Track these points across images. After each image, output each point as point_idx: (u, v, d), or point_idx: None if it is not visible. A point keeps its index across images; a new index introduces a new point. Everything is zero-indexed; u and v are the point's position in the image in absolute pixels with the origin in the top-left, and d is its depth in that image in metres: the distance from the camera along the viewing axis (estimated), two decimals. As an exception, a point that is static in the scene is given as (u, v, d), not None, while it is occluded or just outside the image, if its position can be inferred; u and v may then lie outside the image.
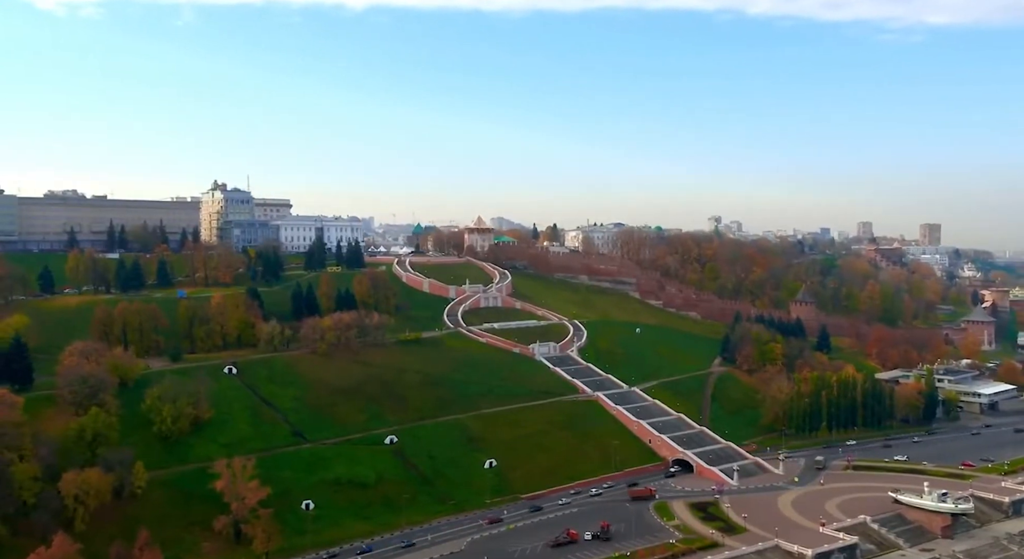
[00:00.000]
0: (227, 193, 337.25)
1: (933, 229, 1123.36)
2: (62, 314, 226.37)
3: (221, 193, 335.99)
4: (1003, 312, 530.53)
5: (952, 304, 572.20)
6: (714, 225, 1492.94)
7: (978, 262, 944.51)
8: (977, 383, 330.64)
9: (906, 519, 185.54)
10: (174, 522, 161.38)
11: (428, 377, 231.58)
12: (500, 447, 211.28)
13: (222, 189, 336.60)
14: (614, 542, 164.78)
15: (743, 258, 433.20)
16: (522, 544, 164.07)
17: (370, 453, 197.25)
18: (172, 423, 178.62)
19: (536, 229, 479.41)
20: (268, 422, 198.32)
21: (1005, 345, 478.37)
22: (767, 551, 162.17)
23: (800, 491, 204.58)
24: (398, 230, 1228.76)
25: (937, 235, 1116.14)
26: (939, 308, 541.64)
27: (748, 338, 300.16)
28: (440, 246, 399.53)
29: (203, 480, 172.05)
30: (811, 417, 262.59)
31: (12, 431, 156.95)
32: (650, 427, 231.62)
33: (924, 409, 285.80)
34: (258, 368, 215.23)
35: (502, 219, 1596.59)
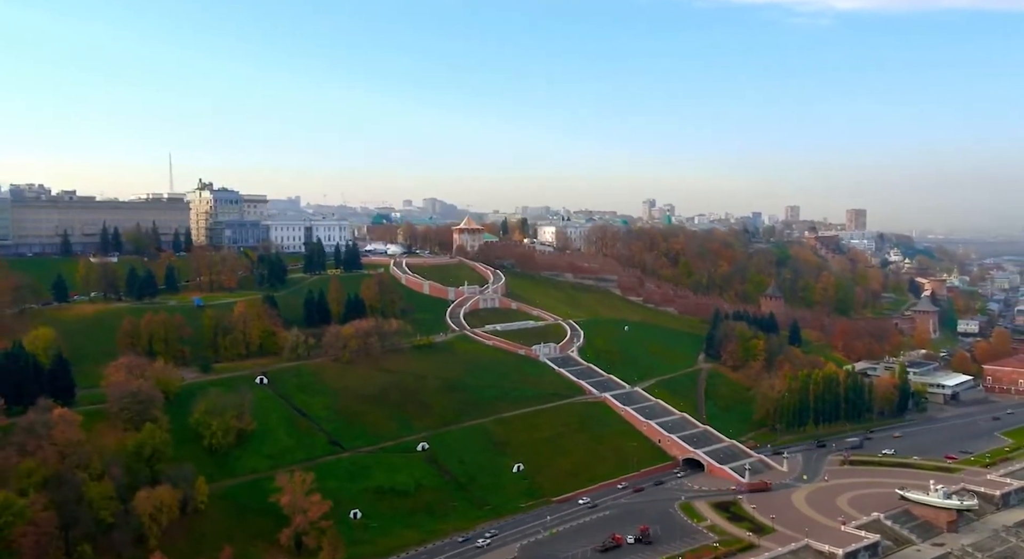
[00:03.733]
0: (216, 193, 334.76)
1: (859, 214, 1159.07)
2: (80, 324, 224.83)
3: (210, 193, 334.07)
4: (942, 300, 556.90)
5: (893, 292, 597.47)
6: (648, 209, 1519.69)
7: (901, 246, 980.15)
8: (939, 375, 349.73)
9: (913, 515, 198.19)
10: (237, 536, 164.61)
11: (446, 382, 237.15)
12: (523, 451, 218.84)
13: (209, 189, 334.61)
14: (656, 545, 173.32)
15: (709, 253, 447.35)
16: (571, 549, 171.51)
17: (405, 460, 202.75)
18: (221, 437, 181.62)
19: (507, 223, 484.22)
20: (305, 432, 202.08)
21: (947, 333, 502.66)
22: (800, 551, 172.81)
23: (810, 488, 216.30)
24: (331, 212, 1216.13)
25: (863, 220, 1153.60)
26: (883, 297, 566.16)
27: (732, 336, 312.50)
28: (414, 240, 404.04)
29: (257, 493, 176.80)
30: (799, 413, 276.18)
31: (79, 450, 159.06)
32: (659, 427, 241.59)
33: (897, 402, 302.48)
34: (288, 377, 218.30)
35: (435, 200, 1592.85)
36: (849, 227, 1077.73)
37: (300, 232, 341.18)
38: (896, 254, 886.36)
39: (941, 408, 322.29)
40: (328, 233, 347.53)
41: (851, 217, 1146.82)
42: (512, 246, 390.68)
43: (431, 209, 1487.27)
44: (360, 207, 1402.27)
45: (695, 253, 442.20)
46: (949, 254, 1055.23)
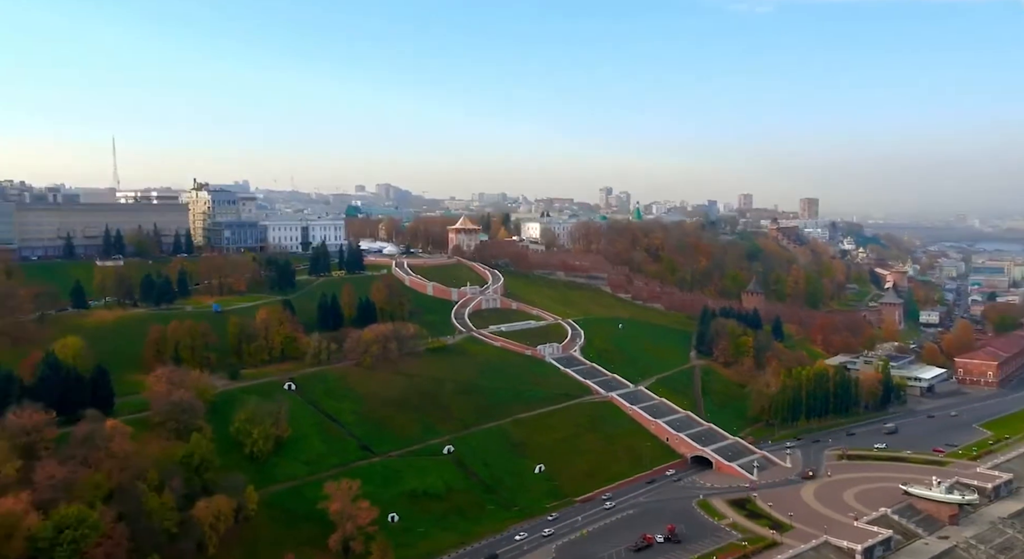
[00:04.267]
0: (213, 193, 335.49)
1: (812, 203, 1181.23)
2: (102, 331, 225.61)
3: (207, 193, 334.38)
4: (903, 291, 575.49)
5: (855, 283, 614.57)
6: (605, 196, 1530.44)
7: (851, 235, 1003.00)
8: (915, 368, 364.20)
9: (917, 509, 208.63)
10: (287, 542, 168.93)
11: (462, 385, 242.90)
12: (542, 452, 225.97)
13: (207, 188, 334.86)
14: (685, 544, 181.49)
15: (687, 248, 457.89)
16: (606, 549, 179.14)
17: (434, 464, 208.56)
18: (263, 444, 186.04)
19: (489, 218, 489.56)
20: (336, 438, 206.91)
21: (910, 324, 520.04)
22: (821, 547, 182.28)
23: (816, 484, 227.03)
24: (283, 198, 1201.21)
25: (815, 209, 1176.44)
26: (847, 288, 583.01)
27: (724, 333, 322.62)
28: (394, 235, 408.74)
29: (299, 499, 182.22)
30: (792, 408, 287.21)
31: (136, 462, 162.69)
32: (667, 426, 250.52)
33: (881, 396, 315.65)
34: (314, 383, 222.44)
35: (389, 186, 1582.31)
36: (802, 216, 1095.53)
37: (297, 232, 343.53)
38: (849, 243, 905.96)
39: (919, 400, 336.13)
40: (324, 233, 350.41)
41: (804, 206, 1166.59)
42: (506, 245, 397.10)
43: (385, 195, 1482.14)
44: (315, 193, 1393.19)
45: (674, 248, 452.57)
46: (895, 241, 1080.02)
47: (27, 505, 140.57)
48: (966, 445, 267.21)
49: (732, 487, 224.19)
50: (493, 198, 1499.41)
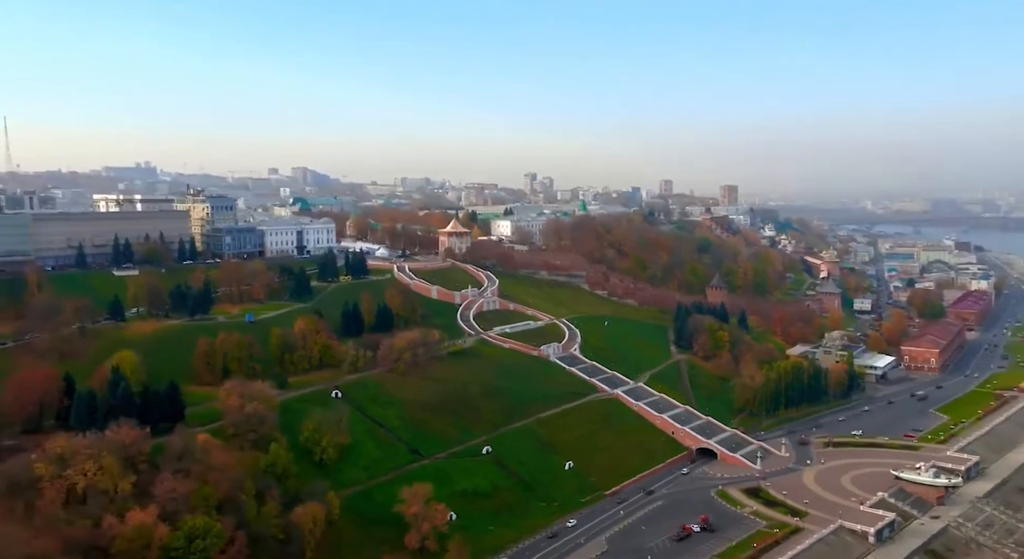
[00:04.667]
0: (212, 200, 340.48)
1: (732, 190, 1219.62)
2: (144, 343, 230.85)
3: (205, 200, 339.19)
4: (835, 279, 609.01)
5: (791, 272, 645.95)
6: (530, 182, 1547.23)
7: (771, 221, 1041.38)
8: (868, 357, 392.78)
9: (907, 492, 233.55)
10: (366, 543, 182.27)
11: (487, 388, 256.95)
12: (568, 449, 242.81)
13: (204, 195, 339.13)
14: (719, 532, 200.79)
15: (649, 243, 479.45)
16: (651, 539, 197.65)
17: (476, 464, 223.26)
18: (331, 452, 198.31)
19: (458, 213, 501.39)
20: (387, 442, 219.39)
21: (846, 312, 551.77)
22: (838, 531, 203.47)
23: (813, 471, 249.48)
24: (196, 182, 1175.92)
25: (735, 195, 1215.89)
26: (786, 277, 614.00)
27: (703, 328, 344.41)
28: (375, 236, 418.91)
29: (367, 502, 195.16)
30: (774, 399, 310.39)
31: (232, 473, 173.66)
32: (671, 420, 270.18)
33: (847, 385, 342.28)
34: (356, 390, 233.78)
35: (306, 169, 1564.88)
36: (723, 202, 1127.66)
37: (293, 236, 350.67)
38: (770, 229, 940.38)
39: (875, 388, 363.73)
40: (317, 236, 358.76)
41: (724, 193, 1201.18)
42: (492, 246, 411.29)
43: (302, 179, 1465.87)
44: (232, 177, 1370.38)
45: (636, 244, 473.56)
46: (807, 225, 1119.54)
47: (155, 518, 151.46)
48: (931, 429, 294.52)
49: (740, 477, 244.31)
50: (417, 182, 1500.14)
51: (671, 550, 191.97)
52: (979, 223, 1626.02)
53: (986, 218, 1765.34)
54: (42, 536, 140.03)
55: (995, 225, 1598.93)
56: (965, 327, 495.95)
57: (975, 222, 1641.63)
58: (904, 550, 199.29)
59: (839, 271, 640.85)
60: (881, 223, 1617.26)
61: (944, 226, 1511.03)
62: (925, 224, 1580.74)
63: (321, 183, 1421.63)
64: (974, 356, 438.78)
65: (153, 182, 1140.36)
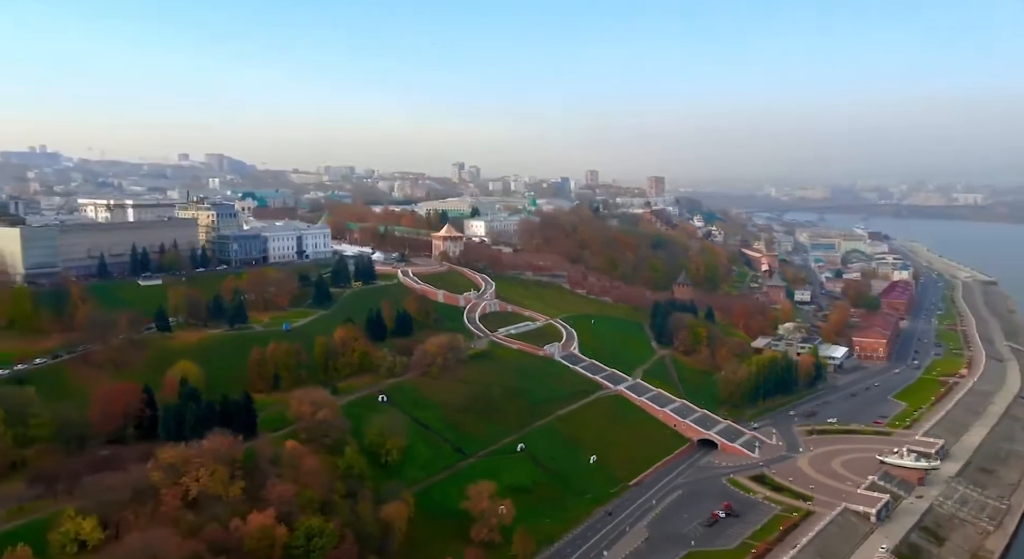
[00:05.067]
0: (216, 207, 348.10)
1: (659, 181, 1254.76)
2: (191, 352, 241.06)
3: (210, 207, 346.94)
4: (777, 272, 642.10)
5: (733, 265, 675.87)
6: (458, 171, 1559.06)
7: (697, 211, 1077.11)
8: (824, 348, 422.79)
9: (891, 475, 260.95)
10: (437, 537, 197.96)
11: (507, 389, 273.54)
12: (589, 444, 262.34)
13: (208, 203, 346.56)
14: (743, 517, 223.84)
15: (613, 242, 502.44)
16: (684, 524, 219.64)
17: (514, 461, 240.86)
18: (395, 454, 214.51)
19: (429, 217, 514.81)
20: (434, 443, 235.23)
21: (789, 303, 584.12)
22: (844, 512, 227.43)
23: (806, 457, 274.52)
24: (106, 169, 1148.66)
25: (663, 186, 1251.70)
26: (732, 270, 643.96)
27: (683, 325, 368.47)
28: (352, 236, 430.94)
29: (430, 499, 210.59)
30: (755, 391, 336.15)
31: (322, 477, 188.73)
32: (672, 413, 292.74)
33: (814, 376, 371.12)
34: (398, 394, 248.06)
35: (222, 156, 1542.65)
36: (650, 193, 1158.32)
37: (293, 241, 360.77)
38: (699, 220, 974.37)
39: (835, 377, 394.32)
40: (315, 241, 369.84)
41: (652, 183, 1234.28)
42: (482, 249, 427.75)
43: (218, 166, 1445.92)
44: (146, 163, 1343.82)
45: (601, 242, 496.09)
46: (727, 215, 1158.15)
47: (273, 520, 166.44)
48: (895, 415, 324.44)
49: (743, 465, 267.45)
50: (341, 171, 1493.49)
51: (705, 535, 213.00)
52: (876, 210, 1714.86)
53: (881, 205, 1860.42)
54: (189, 538, 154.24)
55: (889, 212, 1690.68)
56: (899, 317, 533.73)
57: (873, 209, 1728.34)
58: (902, 528, 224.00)
59: (777, 264, 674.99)
60: (788, 210, 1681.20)
61: (845, 213, 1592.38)
62: (828, 211, 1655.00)
63: (239, 170, 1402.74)
64: (911, 345, 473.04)
65: (61, 169, 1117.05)
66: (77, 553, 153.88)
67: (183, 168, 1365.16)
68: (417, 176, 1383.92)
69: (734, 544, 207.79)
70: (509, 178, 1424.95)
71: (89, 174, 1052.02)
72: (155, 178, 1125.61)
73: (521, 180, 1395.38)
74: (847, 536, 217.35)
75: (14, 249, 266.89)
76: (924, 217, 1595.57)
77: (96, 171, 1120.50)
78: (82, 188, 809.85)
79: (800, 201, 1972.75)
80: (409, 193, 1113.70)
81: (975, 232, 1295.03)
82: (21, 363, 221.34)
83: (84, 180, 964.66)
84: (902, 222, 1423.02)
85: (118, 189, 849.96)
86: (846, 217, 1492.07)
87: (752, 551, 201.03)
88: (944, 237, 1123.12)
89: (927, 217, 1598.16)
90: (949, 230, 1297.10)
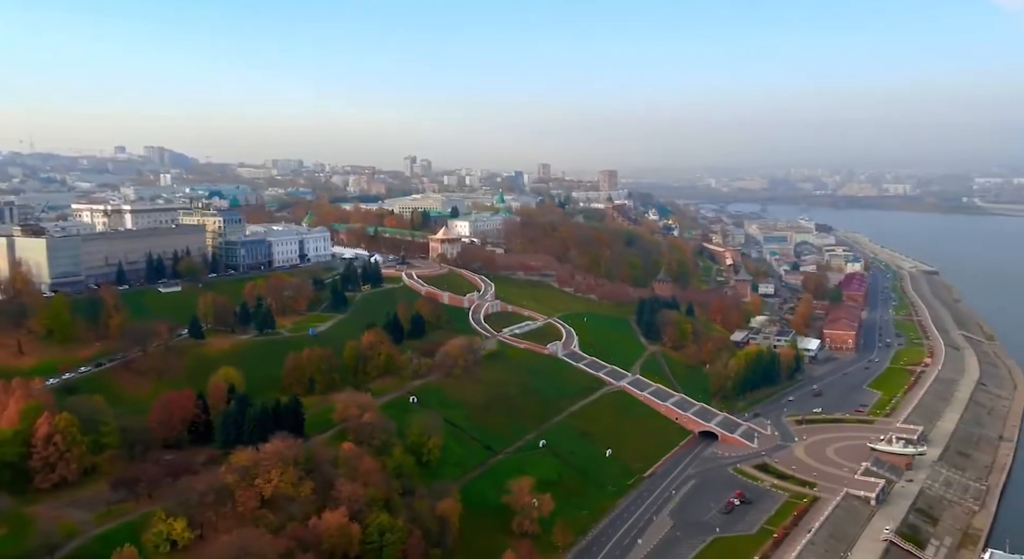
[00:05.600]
0: (223, 213, 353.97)
1: (612, 175, 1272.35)
2: (225, 358, 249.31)
3: (217, 213, 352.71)
4: (741, 266, 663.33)
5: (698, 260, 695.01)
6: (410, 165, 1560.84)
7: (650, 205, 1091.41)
8: (800, 340, 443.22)
9: (882, 461, 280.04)
10: (481, 530, 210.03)
11: (521, 387, 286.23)
12: (602, 438, 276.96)
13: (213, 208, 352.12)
14: (755, 504, 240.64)
15: (591, 240, 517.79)
16: (704, 512, 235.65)
17: (538, 457, 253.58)
18: (436, 453, 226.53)
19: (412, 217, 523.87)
20: (464, 441, 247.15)
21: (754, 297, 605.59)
22: (847, 497, 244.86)
23: (801, 446, 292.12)
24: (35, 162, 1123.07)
25: (615, 180, 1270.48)
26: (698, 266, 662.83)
27: (671, 321, 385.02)
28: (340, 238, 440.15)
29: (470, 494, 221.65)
30: (743, 384, 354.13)
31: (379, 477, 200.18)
32: (673, 407, 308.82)
33: (793, 368, 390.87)
34: (427, 395, 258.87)
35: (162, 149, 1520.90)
36: (603, 187, 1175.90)
37: (295, 245, 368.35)
38: (654, 214, 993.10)
39: (811, 368, 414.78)
40: (315, 245, 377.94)
41: (604, 177, 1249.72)
42: (476, 250, 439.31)
43: (158, 159, 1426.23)
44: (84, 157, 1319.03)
45: (579, 240, 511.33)
46: (677, 208, 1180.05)
47: (346, 518, 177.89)
48: (874, 404, 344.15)
49: (744, 455, 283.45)
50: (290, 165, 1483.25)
51: (726, 521, 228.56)
52: (814, 201, 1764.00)
53: (817, 196, 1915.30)
54: (282, 537, 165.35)
55: (826, 203, 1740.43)
56: (859, 308, 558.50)
57: (811, 200, 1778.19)
58: (900, 510, 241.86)
59: (739, 258, 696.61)
60: (731, 201, 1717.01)
61: (785, 204, 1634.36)
62: (769, 202, 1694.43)
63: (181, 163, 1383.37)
64: (874, 336, 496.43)
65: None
66: (169, 552, 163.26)
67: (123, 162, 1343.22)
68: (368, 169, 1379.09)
69: (754, 530, 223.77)
70: (462, 172, 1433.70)
71: (27, 169, 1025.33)
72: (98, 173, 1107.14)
73: (475, 174, 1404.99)
74: (853, 519, 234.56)
75: (40, 259, 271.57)
76: (859, 207, 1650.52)
77: (31, 165, 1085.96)
78: (28, 185, 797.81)
79: (740, 192, 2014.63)
80: (366, 188, 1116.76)
81: (908, 222, 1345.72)
82: (67, 372, 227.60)
83: (26, 175, 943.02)
84: (840, 213, 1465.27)
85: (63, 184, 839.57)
86: (786, 208, 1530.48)
87: (773, 536, 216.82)
88: (880, 227, 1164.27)
89: (862, 207, 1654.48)
90: (884, 220, 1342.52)
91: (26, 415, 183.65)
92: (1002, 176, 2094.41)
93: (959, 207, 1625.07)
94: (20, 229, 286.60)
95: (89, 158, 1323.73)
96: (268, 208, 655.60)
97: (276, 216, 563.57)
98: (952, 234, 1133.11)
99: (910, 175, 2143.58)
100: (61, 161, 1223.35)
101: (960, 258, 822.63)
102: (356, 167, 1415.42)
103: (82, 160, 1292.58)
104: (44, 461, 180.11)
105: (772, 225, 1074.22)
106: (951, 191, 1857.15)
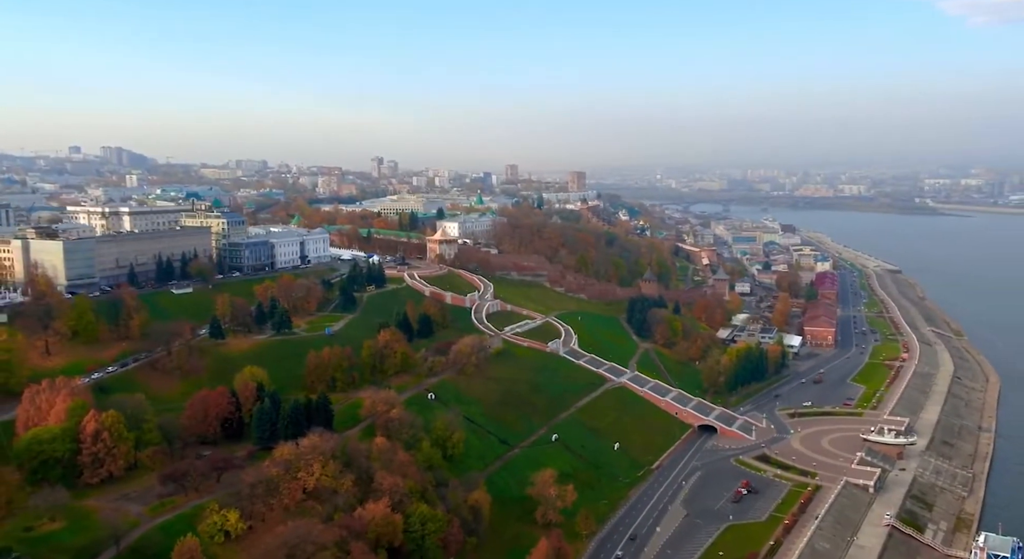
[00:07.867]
0: (227, 215, 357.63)
1: (581, 176, 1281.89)
2: (247, 357, 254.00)
3: (220, 215, 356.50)
4: (718, 266, 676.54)
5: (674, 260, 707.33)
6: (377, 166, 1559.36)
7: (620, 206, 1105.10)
8: (783, 337, 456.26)
9: (875, 451, 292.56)
10: (507, 519, 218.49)
11: (529, 384, 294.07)
12: (609, 432, 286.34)
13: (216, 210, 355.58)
14: (762, 493, 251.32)
15: (578, 241, 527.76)
16: (714, 502, 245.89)
17: (552, 450, 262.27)
18: (460, 447, 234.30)
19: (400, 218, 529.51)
20: (481, 435, 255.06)
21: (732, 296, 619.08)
22: (847, 486, 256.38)
23: (797, 438, 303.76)
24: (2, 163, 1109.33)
25: (583, 181, 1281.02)
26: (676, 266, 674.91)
27: (662, 320, 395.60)
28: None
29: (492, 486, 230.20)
30: (735, 379, 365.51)
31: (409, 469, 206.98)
32: (673, 402, 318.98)
33: (779, 364, 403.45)
34: (443, 392, 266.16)
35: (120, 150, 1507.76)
36: (571, 188, 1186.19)
37: (296, 247, 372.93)
38: (624, 215, 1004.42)
39: (795, 364, 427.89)
40: (316, 246, 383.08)
41: (573, 178, 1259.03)
42: (473, 251, 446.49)
43: (116, 159, 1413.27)
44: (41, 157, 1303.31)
45: (566, 240, 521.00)
46: (645, 209, 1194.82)
47: (388, 508, 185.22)
48: (860, 397, 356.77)
49: (744, 447, 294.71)
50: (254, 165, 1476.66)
51: (736, 509, 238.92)
52: (774, 201, 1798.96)
53: (776, 196, 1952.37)
54: (333, 527, 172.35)
55: (785, 203, 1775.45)
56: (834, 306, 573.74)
57: (771, 201, 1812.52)
58: (898, 497, 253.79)
59: (716, 258, 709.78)
60: (693, 202, 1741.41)
61: (746, 204, 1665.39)
62: (730, 202, 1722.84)
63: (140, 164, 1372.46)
64: (849, 332, 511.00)
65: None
66: (224, 542, 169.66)
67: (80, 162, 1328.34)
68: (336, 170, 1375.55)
69: (764, 517, 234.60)
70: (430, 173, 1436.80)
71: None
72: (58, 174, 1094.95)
73: (444, 175, 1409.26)
74: (855, 506, 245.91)
75: (56, 262, 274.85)
76: (816, 208, 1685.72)
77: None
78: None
79: (700, 192, 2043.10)
80: (336, 189, 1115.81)
81: (864, 222, 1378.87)
82: (95, 371, 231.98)
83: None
84: (799, 213, 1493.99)
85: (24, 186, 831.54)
86: (747, 208, 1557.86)
87: (784, 522, 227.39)
88: (839, 227, 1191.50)
89: (819, 208, 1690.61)
90: (841, 220, 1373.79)
91: (72, 413, 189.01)
92: (950, 177, 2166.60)
93: (912, 207, 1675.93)
94: (35, 231, 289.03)
95: (44, 158, 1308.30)
96: (247, 209, 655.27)
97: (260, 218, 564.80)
98: (908, 234, 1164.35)
99: (864, 176, 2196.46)
100: (16, 161, 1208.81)
101: (919, 257, 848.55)
102: (323, 168, 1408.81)
103: (39, 160, 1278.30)
104: (93, 457, 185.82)
105: (739, 225, 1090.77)
106: (903, 192, 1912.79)
